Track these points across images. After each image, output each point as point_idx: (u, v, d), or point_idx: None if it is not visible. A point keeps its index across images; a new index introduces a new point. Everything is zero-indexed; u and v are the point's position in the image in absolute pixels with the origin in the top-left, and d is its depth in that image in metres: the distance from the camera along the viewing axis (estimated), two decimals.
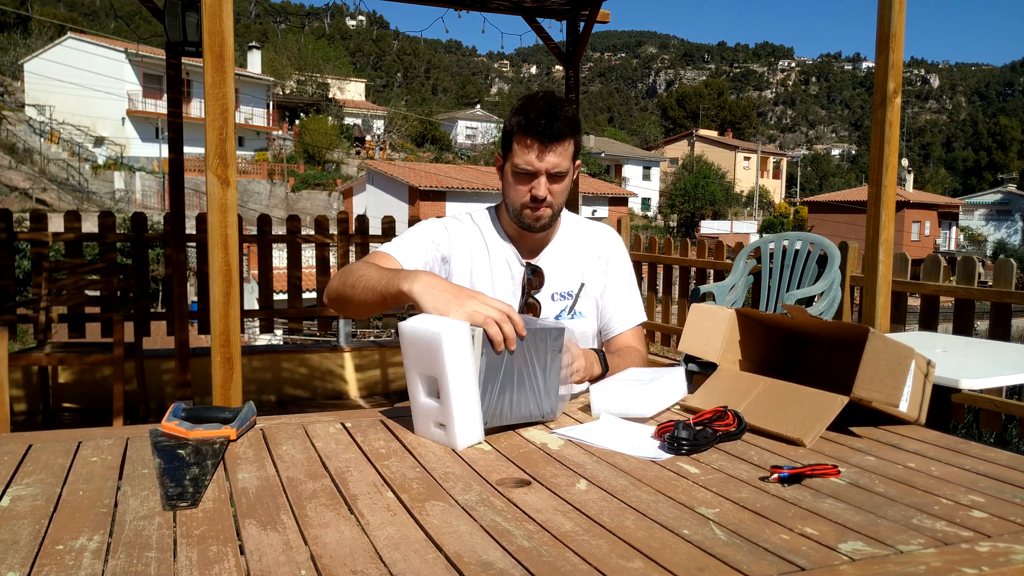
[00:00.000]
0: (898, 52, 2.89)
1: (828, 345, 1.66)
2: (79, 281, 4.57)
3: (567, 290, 1.87)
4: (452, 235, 1.85)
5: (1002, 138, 74.72)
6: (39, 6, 49.31)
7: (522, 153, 1.73)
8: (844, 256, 4.00)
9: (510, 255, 1.86)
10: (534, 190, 1.74)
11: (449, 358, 1.25)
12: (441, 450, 1.29)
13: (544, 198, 1.74)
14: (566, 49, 5.22)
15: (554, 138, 1.70)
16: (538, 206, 1.76)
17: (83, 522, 0.98)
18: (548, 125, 1.69)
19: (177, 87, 4.40)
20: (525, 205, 1.76)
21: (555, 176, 1.74)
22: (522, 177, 1.75)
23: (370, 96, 64.46)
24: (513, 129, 1.74)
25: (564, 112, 1.71)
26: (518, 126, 1.73)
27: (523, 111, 1.72)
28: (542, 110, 1.70)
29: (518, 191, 1.77)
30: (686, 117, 78.90)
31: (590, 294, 1.88)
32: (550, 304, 1.85)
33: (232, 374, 2.34)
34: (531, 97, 1.75)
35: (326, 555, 0.89)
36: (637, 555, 0.90)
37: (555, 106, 1.71)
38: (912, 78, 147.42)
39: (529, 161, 1.72)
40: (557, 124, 1.69)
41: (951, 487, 1.15)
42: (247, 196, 31.57)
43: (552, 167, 1.73)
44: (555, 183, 1.75)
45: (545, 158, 1.72)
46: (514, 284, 1.84)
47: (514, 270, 1.85)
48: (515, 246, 1.87)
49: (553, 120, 1.69)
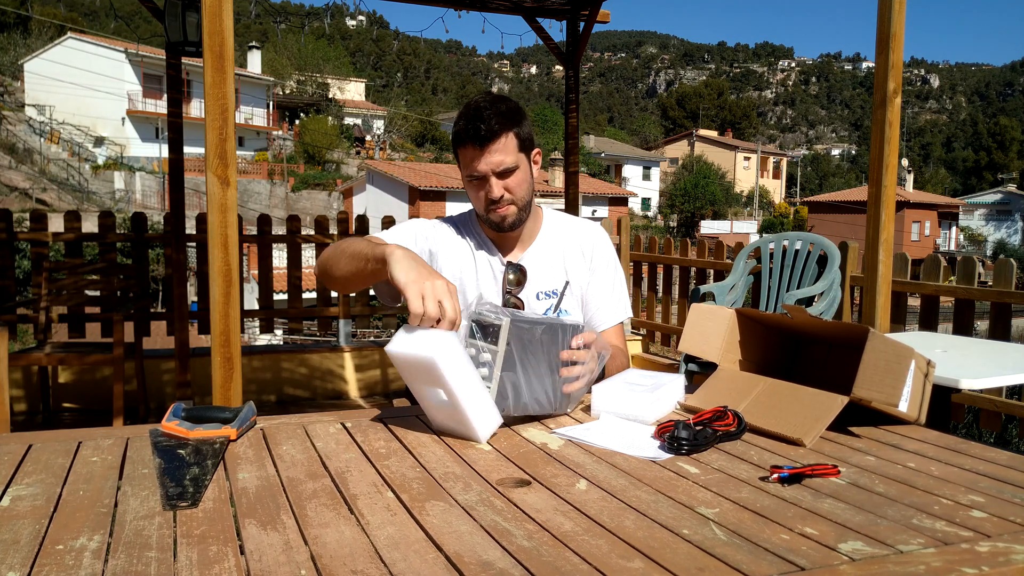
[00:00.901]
0: (898, 52, 2.89)
1: (828, 345, 1.66)
2: (79, 281, 4.57)
3: (551, 288, 1.86)
4: (440, 233, 1.87)
5: (1002, 138, 74.74)
6: (39, 6, 49.30)
7: (465, 161, 1.74)
8: (844, 256, 4.00)
9: (492, 257, 1.86)
10: (487, 193, 1.74)
11: (449, 374, 1.27)
12: (441, 450, 1.30)
13: (500, 197, 1.74)
14: (566, 49, 5.22)
15: (487, 138, 1.69)
16: (498, 205, 1.75)
17: (83, 522, 0.98)
18: (476, 128, 1.69)
19: (177, 87, 4.39)
20: (486, 208, 1.77)
21: (504, 173, 1.73)
22: (474, 183, 1.76)
23: (370, 96, 64.45)
24: (455, 140, 1.76)
25: (496, 109, 1.70)
26: (455, 136, 1.74)
27: (458, 120, 1.74)
28: (471, 115, 1.70)
29: (476, 197, 1.78)
30: (686, 117, 78.91)
31: (575, 292, 1.88)
32: (535, 303, 1.84)
33: (232, 374, 2.34)
34: (468, 104, 1.76)
35: (326, 555, 0.89)
36: (637, 555, 0.90)
37: (484, 107, 1.70)
38: (912, 78, 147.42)
39: (472, 167, 1.73)
40: (486, 124, 1.68)
41: (951, 487, 1.15)
42: (247, 196, 31.57)
43: (496, 166, 1.72)
44: (507, 178, 1.74)
45: (484, 159, 1.71)
46: (497, 285, 1.84)
47: (496, 271, 1.85)
48: (496, 246, 1.87)
49: (481, 121, 1.68)
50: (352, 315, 5.66)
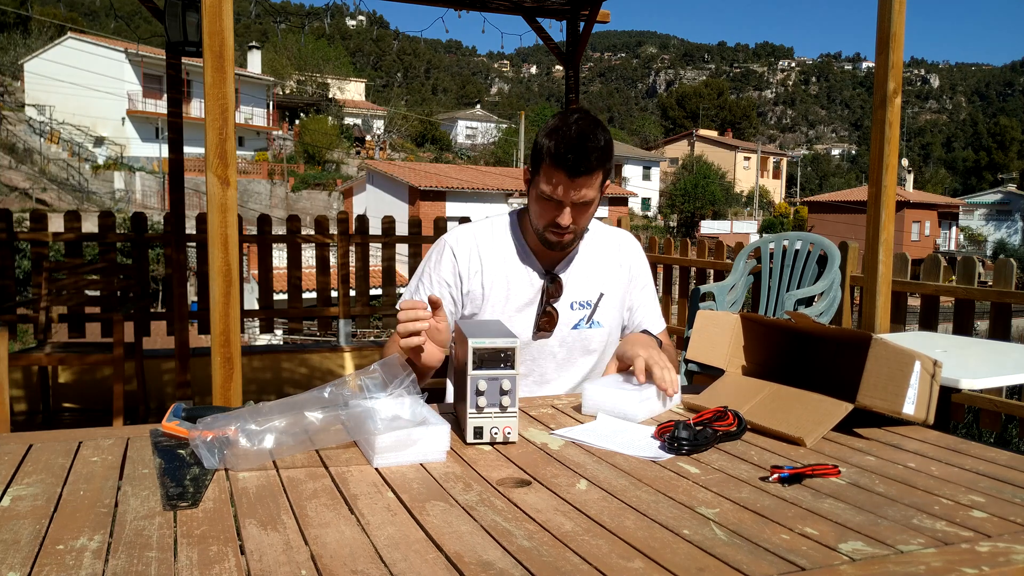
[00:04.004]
0: (898, 52, 2.89)
1: (836, 344, 1.66)
2: (79, 281, 4.57)
3: (586, 299, 1.86)
4: (482, 242, 1.85)
5: (1002, 138, 74.74)
6: (39, 6, 49.31)
7: (548, 182, 1.69)
8: (844, 256, 4.00)
9: (530, 265, 1.85)
10: (558, 219, 1.71)
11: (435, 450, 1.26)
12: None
13: (567, 226, 1.73)
14: (566, 49, 5.22)
15: (582, 174, 1.66)
16: (561, 232, 1.74)
17: (83, 522, 0.98)
18: (576, 161, 1.63)
19: (177, 87, 4.40)
20: (547, 228, 1.75)
21: (582, 205, 1.72)
22: (546, 203, 1.72)
23: (370, 96, 64.45)
24: (542, 154, 1.69)
25: (595, 143, 1.65)
26: (547, 154, 1.67)
27: (555, 136, 1.66)
28: (573, 142, 1.63)
29: (541, 215, 1.75)
30: (686, 117, 78.90)
31: (609, 304, 1.88)
32: (568, 313, 1.84)
33: (232, 374, 2.34)
34: (565, 119, 1.68)
35: (326, 555, 0.89)
36: (637, 555, 0.90)
37: (587, 136, 1.64)
38: (912, 78, 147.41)
39: (554, 191, 1.69)
40: (585, 160, 1.64)
41: (951, 487, 1.15)
42: (247, 196, 31.56)
43: (580, 199, 1.70)
44: (581, 212, 1.73)
45: (570, 191, 1.68)
46: (533, 292, 1.84)
47: (533, 280, 1.84)
48: (536, 255, 1.86)
49: (583, 156, 1.63)
50: (352, 315, 5.66)
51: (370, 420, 1.22)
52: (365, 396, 1.27)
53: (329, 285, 5.71)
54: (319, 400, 1.25)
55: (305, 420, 1.22)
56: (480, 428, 1.31)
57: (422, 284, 1.85)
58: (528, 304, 1.83)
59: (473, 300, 1.83)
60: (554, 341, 1.84)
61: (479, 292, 1.83)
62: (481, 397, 1.30)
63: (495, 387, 1.31)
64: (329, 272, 5.71)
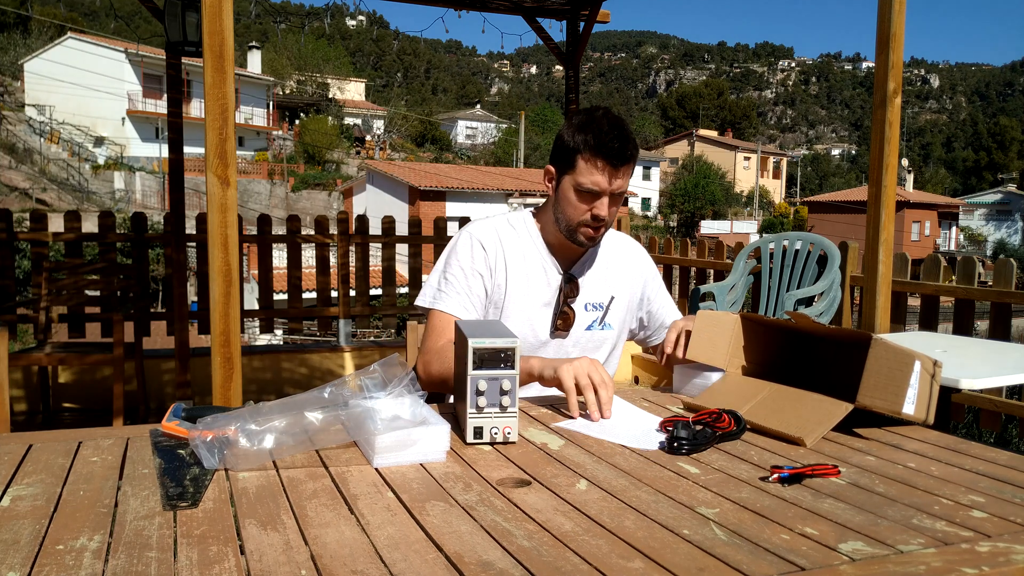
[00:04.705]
0: (898, 52, 2.89)
1: (836, 344, 1.66)
2: (79, 281, 4.57)
3: (599, 301, 1.89)
4: (505, 239, 1.86)
5: (1002, 138, 74.73)
6: (39, 6, 49.30)
7: (589, 173, 1.71)
8: (844, 256, 4.00)
9: (549, 264, 1.86)
10: (596, 210, 1.74)
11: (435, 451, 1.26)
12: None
13: (605, 218, 1.75)
14: (566, 49, 5.22)
15: (625, 161, 1.71)
16: (598, 225, 1.76)
17: (83, 522, 0.98)
18: (621, 148, 1.69)
19: (177, 87, 4.40)
20: (584, 223, 1.76)
21: (617, 196, 1.75)
22: (585, 196, 1.74)
23: (370, 96, 64.45)
24: (579, 147, 1.72)
25: (630, 133, 1.72)
26: (586, 145, 1.70)
27: (591, 129, 1.70)
28: (613, 132, 1.69)
29: (578, 209, 1.75)
30: (686, 117, 78.91)
31: (618, 306, 1.91)
32: (583, 314, 1.87)
33: (232, 374, 2.34)
34: (592, 115, 1.73)
35: (326, 555, 0.89)
36: (637, 555, 0.90)
37: (623, 127, 1.71)
38: (912, 78, 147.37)
39: (597, 182, 1.71)
40: (629, 147, 1.70)
41: (951, 487, 1.15)
42: (247, 196, 31.56)
43: (618, 189, 1.74)
44: (615, 203, 1.76)
45: (614, 179, 1.72)
46: (551, 292, 1.85)
47: (551, 279, 1.85)
48: (554, 255, 1.87)
49: (626, 143, 1.69)
50: (352, 315, 5.66)
51: (370, 420, 1.22)
52: (365, 396, 1.27)
53: (329, 285, 5.71)
54: (319, 400, 1.25)
55: (305, 420, 1.22)
56: (480, 428, 1.32)
57: (452, 278, 1.81)
58: (546, 304, 1.84)
59: (497, 294, 1.84)
60: (569, 341, 1.87)
61: (503, 287, 1.83)
62: (481, 397, 1.31)
63: (495, 387, 1.31)
64: (329, 272, 5.71)
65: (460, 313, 1.78)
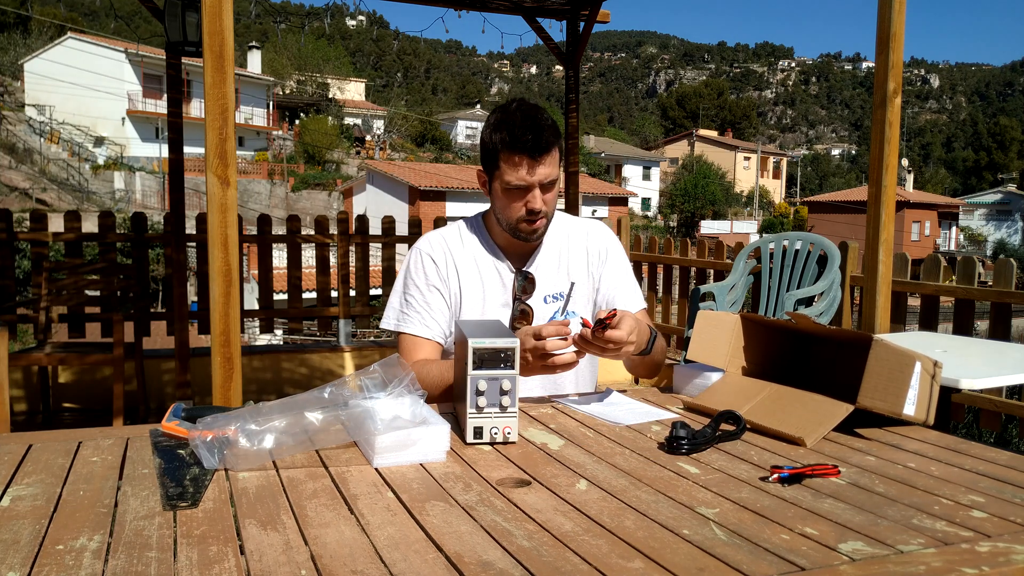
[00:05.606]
0: (898, 52, 2.89)
1: (836, 344, 1.66)
2: (79, 281, 4.57)
3: (558, 291, 1.87)
4: (451, 246, 1.86)
5: (1002, 138, 74.74)
6: (39, 6, 49.30)
7: (512, 170, 1.72)
8: (844, 256, 3.99)
9: (501, 265, 1.86)
10: (529, 204, 1.74)
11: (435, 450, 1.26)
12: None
13: (540, 210, 1.75)
14: (566, 49, 5.22)
15: (543, 150, 1.70)
16: (535, 218, 1.76)
17: (83, 522, 0.98)
18: (536, 139, 1.68)
19: (177, 87, 4.39)
20: (521, 219, 1.76)
21: (548, 186, 1.75)
22: (515, 193, 1.74)
23: (370, 96, 64.43)
24: (498, 146, 1.72)
25: (544, 120, 1.71)
26: (503, 143, 1.71)
27: (505, 127, 1.71)
28: (525, 124, 1.69)
29: (512, 207, 1.76)
30: (686, 117, 78.89)
31: (581, 292, 1.89)
32: (543, 307, 1.85)
33: (232, 374, 2.34)
34: (506, 110, 1.74)
35: (326, 555, 0.89)
36: (637, 555, 0.90)
37: (535, 116, 1.70)
38: (912, 78, 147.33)
39: (522, 177, 1.71)
40: (543, 137, 1.69)
41: (951, 487, 1.15)
42: (247, 196, 31.55)
43: (544, 178, 1.73)
44: (547, 192, 1.76)
45: (537, 170, 1.71)
46: (506, 293, 1.85)
47: (505, 279, 1.85)
48: (504, 252, 1.87)
49: (539, 132, 1.68)
50: (352, 315, 5.66)
51: (370, 420, 1.22)
52: (365, 396, 1.27)
53: (329, 285, 5.71)
54: (319, 400, 1.25)
55: (305, 420, 1.22)
56: (480, 428, 1.32)
57: (411, 299, 1.82)
58: (503, 304, 1.84)
59: (454, 302, 1.84)
60: None
61: (457, 295, 1.83)
62: (481, 397, 1.31)
63: (495, 387, 1.31)
64: (329, 272, 5.71)
65: (423, 332, 1.79)
